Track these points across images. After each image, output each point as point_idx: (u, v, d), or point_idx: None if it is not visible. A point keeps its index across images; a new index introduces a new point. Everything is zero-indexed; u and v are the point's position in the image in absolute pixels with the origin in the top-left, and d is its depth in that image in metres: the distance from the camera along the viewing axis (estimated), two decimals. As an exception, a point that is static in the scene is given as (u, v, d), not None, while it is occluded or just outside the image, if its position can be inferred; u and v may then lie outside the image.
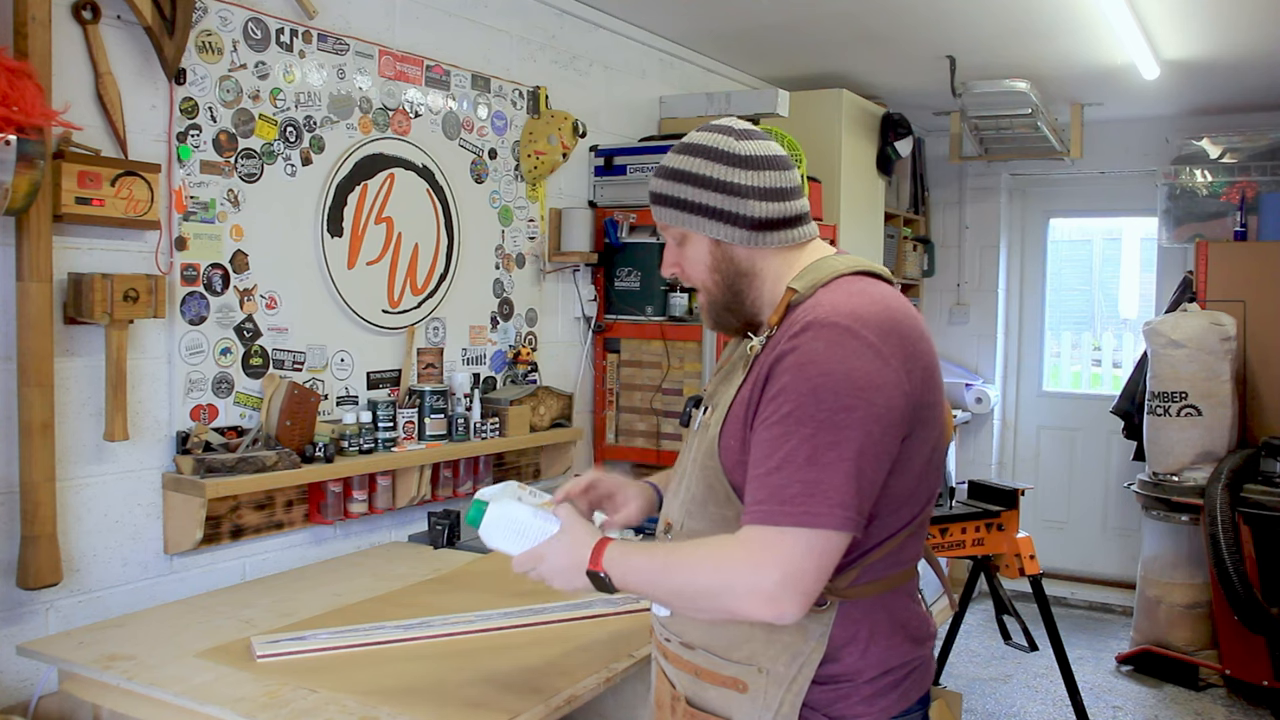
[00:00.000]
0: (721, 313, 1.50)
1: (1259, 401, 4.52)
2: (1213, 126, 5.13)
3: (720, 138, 1.45)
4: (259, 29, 2.40)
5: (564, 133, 3.20)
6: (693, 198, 1.44)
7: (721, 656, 1.43)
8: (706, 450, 1.44)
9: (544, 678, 1.74)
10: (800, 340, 1.31)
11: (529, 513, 1.56)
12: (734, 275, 1.47)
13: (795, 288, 1.42)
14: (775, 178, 1.44)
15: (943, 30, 3.78)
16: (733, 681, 1.42)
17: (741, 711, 1.41)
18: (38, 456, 1.94)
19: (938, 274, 5.97)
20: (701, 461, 1.45)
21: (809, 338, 1.31)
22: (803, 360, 1.30)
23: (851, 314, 1.32)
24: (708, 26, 3.79)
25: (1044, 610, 3.43)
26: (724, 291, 1.48)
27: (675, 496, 1.52)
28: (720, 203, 1.43)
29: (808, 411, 1.27)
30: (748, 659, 1.41)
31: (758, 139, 1.46)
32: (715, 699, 1.44)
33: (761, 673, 1.39)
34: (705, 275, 1.48)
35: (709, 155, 1.44)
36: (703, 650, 1.45)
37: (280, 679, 1.71)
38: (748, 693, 1.41)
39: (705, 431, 1.46)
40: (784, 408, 1.29)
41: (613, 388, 3.56)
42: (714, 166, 1.43)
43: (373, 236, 2.72)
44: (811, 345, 1.30)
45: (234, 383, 2.38)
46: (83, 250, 2.07)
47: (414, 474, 2.73)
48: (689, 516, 1.47)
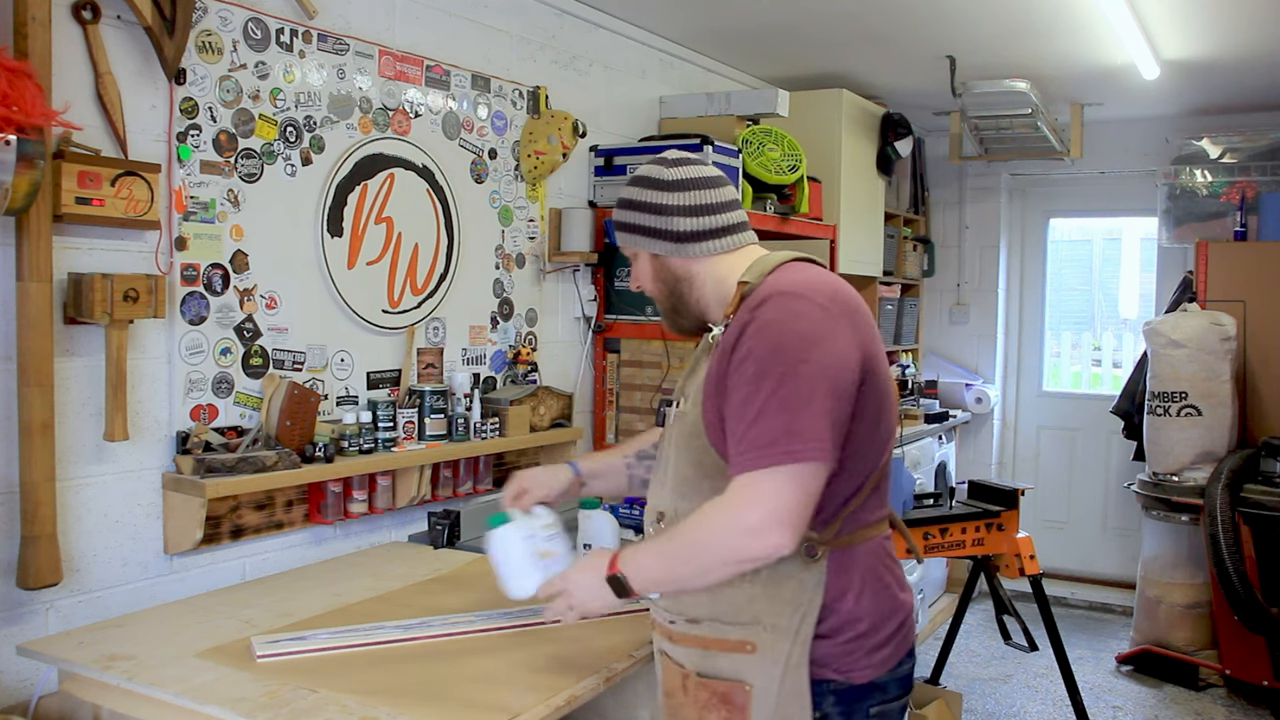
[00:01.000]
0: (671, 315, 1.74)
1: (1259, 401, 4.52)
2: (1213, 126, 5.13)
3: (654, 168, 1.69)
4: (259, 29, 2.40)
5: (564, 133, 3.20)
6: (632, 220, 1.70)
7: (727, 623, 1.56)
8: (689, 432, 1.59)
9: (544, 678, 1.74)
10: (757, 312, 1.51)
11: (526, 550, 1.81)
12: (673, 282, 1.70)
13: (746, 280, 1.61)
14: (700, 196, 1.66)
15: (943, 30, 3.78)
16: (740, 645, 1.55)
17: (753, 671, 1.54)
18: (38, 456, 1.94)
19: (938, 274, 5.97)
20: (685, 444, 1.60)
21: (765, 308, 1.50)
22: (760, 326, 1.49)
23: (801, 283, 1.54)
24: (708, 26, 3.79)
25: (1044, 610, 3.43)
26: (668, 297, 1.72)
27: (662, 486, 1.67)
28: (651, 222, 1.67)
29: (772, 367, 1.45)
30: (752, 620, 1.54)
31: (688, 165, 1.69)
32: (725, 666, 1.56)
33: (767, 630, 1.53)
34: (651, 285, 1.73)
35: (643, 184, 1.69)
36: (708, 621, 1.58)
37: (280, 679, 1.71)
38: (757, 652, 1.53)
39: (684, 419, 1.62)
40: (749, 369, 1.46)
41: (613, 388, 3.56)
42: (646, 193, 1.68)
43: (373, 236, 2.72)
44: (766, 314, 1.50)
45: (234, 383, 2.38)
46: (83, 250, 2.07)
47: (414, 474, 2.73)
48: (681, 498, 1.61)
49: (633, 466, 2.03)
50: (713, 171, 1.70)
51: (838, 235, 4.29)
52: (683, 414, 1.62)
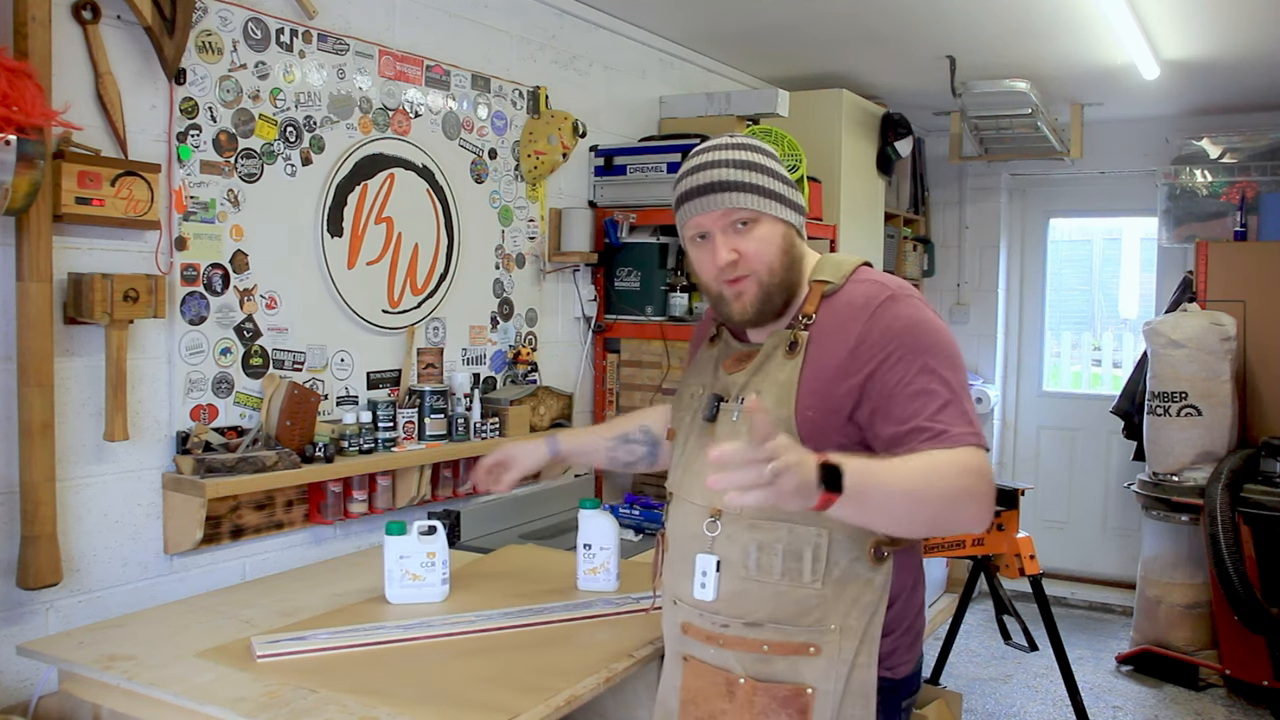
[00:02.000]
0: (776, 293, 1.59)
1: (1259, 401, 4.52)
2: (1213, 126, 5.12)
3: (751, 140, 1.64)
4: (259, 29, 2.40)
5: (564, 133, 3.20)
6: (769, 185, 1.58)
7: (792, 625, 1.54)
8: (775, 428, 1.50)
9: (544, 678, 1.74)
10: (894, 309, 1.52)
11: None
12: (797, 257, 1.62)
13: (826, 279, 1.60)
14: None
15: (943, 30, 3.78)
16: (804, 647, 1.53)
17: (815, 673, 1.53)
18: (38, 456, 1.94)
19: (938, 274, 5.97)
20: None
21: (902, 307, 1.53)
22: (909, 324, 1.51)
23: (911, 289, 1.59)
24: (708, 26, 3.79)
25: (1044, 610, 3.43)
26: (788, 272, 1.60)
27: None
28: (788, 192, 1.61)
29: (944, 359, 1.49)
30: (819, 621, 1.53)
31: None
32: (784, 669, 1.54)
33: (835, 630, 1.53)
34: (777, 256, 1.59)
35: (765, 154, 1.61)
36: (771, 624, 1.55)
37: (280, 679, 1.70)
38: (820, 654, 1.53)
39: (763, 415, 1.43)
40: (921, 359, 1.48)
41: (613, 388, 3.56)
42: (774, 162, 1.61)
43: (373, 236, 2.72)
44: (908, 312, 1.53)
45: (234, 383, 2.38)
46: (83, 250, 2.07)
47: (414, 474, 2.73)
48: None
49: (614, 449, 2.02)
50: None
51: (838, 235, 4.29)
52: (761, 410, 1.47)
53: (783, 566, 1.54)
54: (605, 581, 2.22)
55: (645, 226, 3.46)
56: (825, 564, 1.52)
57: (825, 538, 1.53)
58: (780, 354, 1.58)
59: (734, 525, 1.57)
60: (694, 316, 3.46)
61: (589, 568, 2.23)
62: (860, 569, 1.53)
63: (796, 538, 1.53)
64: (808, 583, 1.53)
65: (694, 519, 1.63)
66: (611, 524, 2.21)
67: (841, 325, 1.54)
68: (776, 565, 1.54)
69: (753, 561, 1.55)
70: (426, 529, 2.16)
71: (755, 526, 1.55)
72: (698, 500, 1.63)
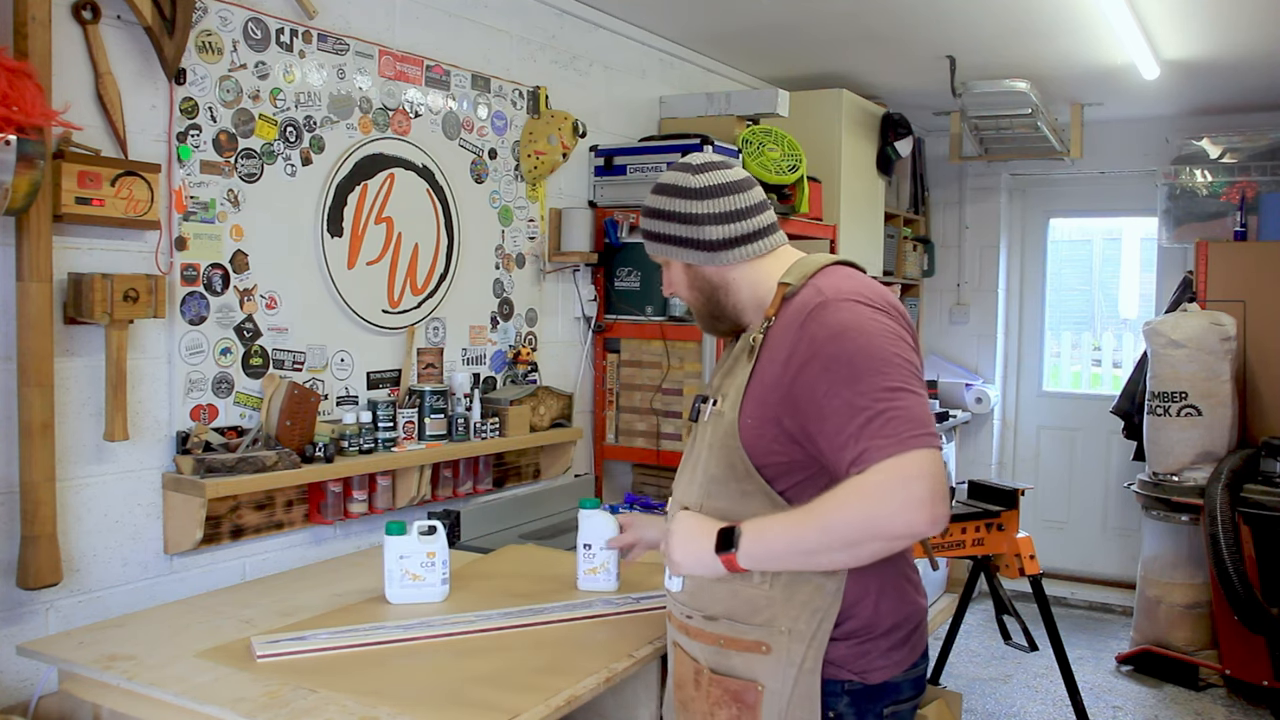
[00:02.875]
0: (708, 320, 1.74)
1: (1259, 401, 4.52)
2: (1213, 126, 5.12)
3: (680, 175, 1.67)
4: (259, 29, 2.40)
5: (564, 133, 3.20)
6: (663, 230, 1.68)
7: (744, 622, 1.57)
8: (725, 433, 1.58)
9: (544, 678, 1.74)
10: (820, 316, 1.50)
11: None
12: (709, 290, 1.69)
13: (788, 281, 1.60)
14: (730, 201, 1.65)
15: (943, 30, 3.78)
16: (756, 645, 1.56)
17: (766, 671, 1.55)
18: (38, 456, 1.94)
19: (938, 274, 5.97)
20: (720, 444, 1.59)
21: (829, 313, 1.50)
22: (835, 331, 1.48)
23: (853, 290, 1.54)
24: (708, 26, 3.79)
25: (1044, 610, 3.43)
26: (704, 304, 1.71)
27: (691, 483, 1.66)
28: (682, 232, 1.66)
29: (864, 368, 1.44)
30: (769, 621, 1.55)
31: (714, 170, 1.66)
32: (739, 665, 1.58)
33: (784, 633, 1.54)
34: (686, 293, 1.73)
35: (671, 193, 1.67)
36: (725, 620, 1.59)
37: (280, 679, 1.71)
38: (771, 653, 1.55)
39: (720, 418, 1.60)
40: (842, 371, 1.45)
41: (613, 388, 3.56)
42: (675, 202, 1.66)
43: (373, 236, 2.72)
44: (837, 317, 1.49)
45: (234, 383, 2.38)
46: (83, 250, 2.07)
47: (414, 474, 2.73)
48: (709, 496, 1.61)
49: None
50: (739, 174, 1.68)
51: (838, 235, 4.29)
52: (719, 414, 1.61)
53: None
54: (605, 581, 2.22)
55: (645, 226, 3.45)
56: None
57: None
58: (744, 356, 1.61)
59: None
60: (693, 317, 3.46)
61: (589, 568, 2.23)
62: (810, 574, 1.53)
63: None
64: (756, 583, 1.55)
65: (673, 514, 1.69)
66: (611, 523, 2.21)
67: (784, 330, 1.55)
68: None
69: None
70: (426, 529, 2.16)
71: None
72: (678, 496, 1.71)
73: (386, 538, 2.14)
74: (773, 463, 1.54)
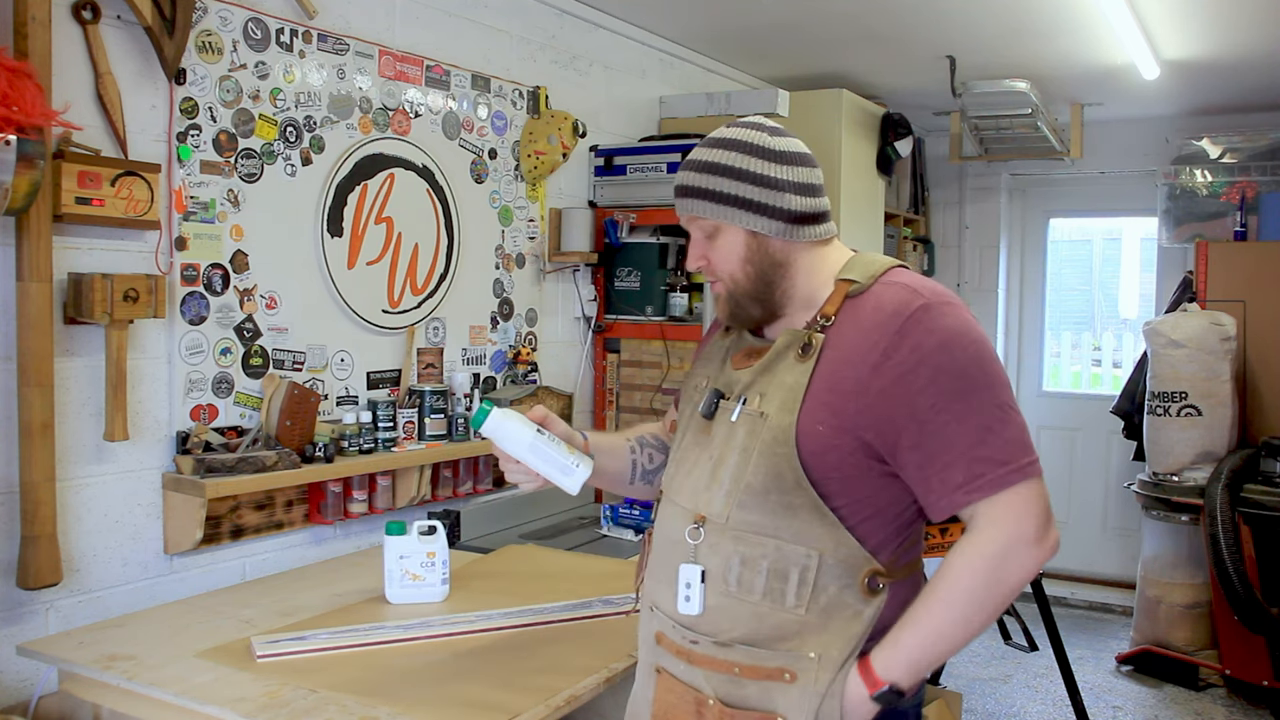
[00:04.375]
0: (746, 303, 1.51)
1: (1259, 401, 4.52)
2: (1213, 126, 5.12)
3: (754, 133, 1.49)
4: (259, 29, 2.40)
5: (564, 133, 3.20)
6: (729, 190, 1.47)
7: (766, 648, 1.41)
8: (774, 438, 1.40)
9: (544, 678, 1.74)
10: (927, 322, 1.37)
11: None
12: (769, 267, 1.49)
13: (853, 279, 1.45)
14: (807, 174, 1.49)
15: (943, 30, 3.78)
16: (778, 673, 1.40)
17: (787, 701, 1.40)
18: (38, 456, 1.94)
19: (938, 274, 5.97)
20: (764, 449, 1.41)
21: (935, 319, 1.37)
22: (945, 339, 1.36)
23: (948, 293, 1.42)
24: (708, 26, 3.79)
25: (1044, 610, 3.43)
26: (755, 283, 1.50)
27: (710, 489, 1.46)
28: (758, 195, 1.46)
29: (978, 381, 1.35)
30: (797, 648, 1.40)
31: (789, 136, 1.50)
32: (754, 695, 1.42)
33: (815, 659, 1.39)
34: (737, 267, 1.50)
35: (744, 150, 1.47)
36: (742, 646, 1.42)
37: (280, 679, 1.71)
38: (796, 682, 1.39)
39: (760, 421, 1.42)
40: (951, 385, 1.34)
41: (613, 388, 3.56)
42: (750, 160, 1.46)
43: (373, 236, 2.72)
44: (943, 324, 1.37)
45: (234, 383, 2.38)
46: (83, 250, 2.07)
47: (414, 474, 2.73)
48: (739, 506, 1.42)
49: (635, 451, 1.78)
50: (807, 148, 1.53)
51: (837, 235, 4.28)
52: (758, 415, 1.43)
53: (765, 585, 1.40)
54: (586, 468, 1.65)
55: (645, 226, 3.46)
56: (812, 589, 1.39)
57: (815, 559, 1.39)
58: (792, 355, 1.43)
59: (718, 534, 1.44)
60: (694, 316, 3.46)
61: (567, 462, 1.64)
62: (850, 598, 1.40)
63: (784, 556, 1.40)
64: (790, 607, 1.39)
65: (677, 522, 1.50)
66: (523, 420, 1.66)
67: (865, 333, 1.39)
68: (759, 583, 1.41)
69: (734, 576, 1.42)
70: (426, 529, 2.16)
71: (740, 539, 1.42)
72: (683, 502, 1.50)
73: (386, 538, 2.14)
74: (837, 476, 1.39)
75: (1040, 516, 1.36)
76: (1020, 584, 1.37)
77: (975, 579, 1.36)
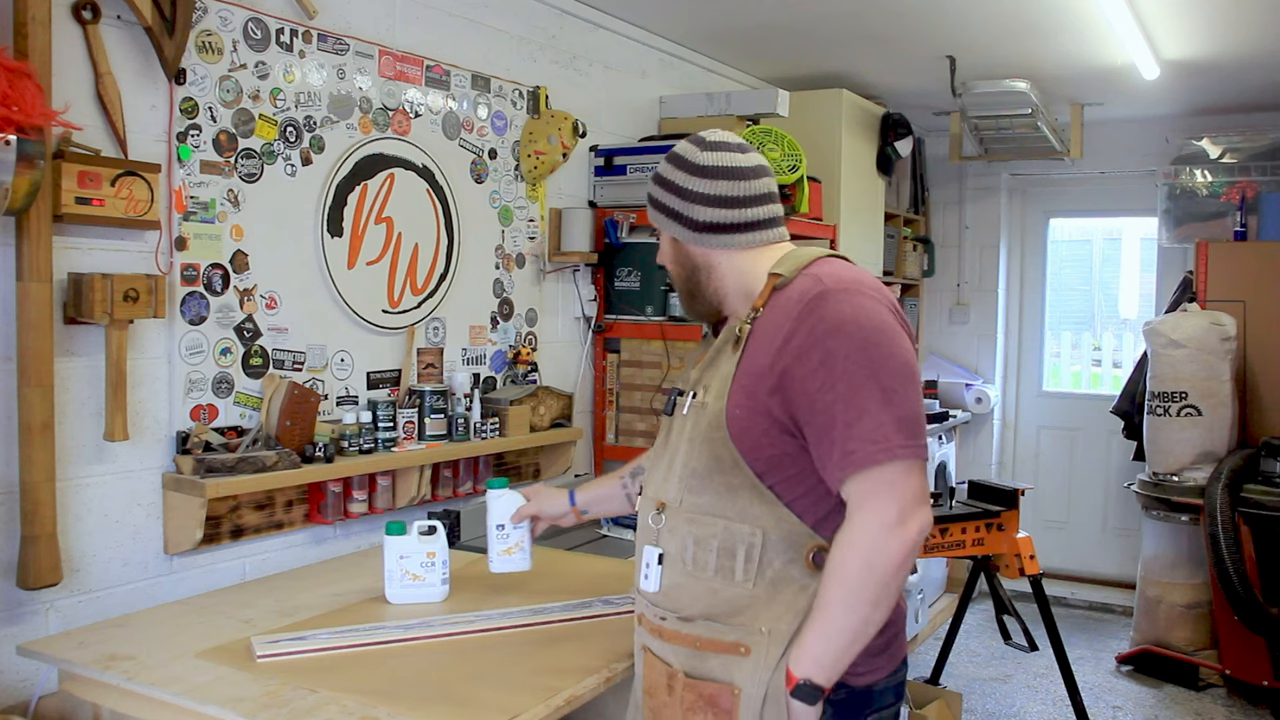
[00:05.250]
0: (687, 299, 1.70)
1: (1259, 401, 4.52)
2: (1213, 126, 5.12)
3: (689, 147, 1.63)
4: (259, 29, 2.40)
5: (564, 133, 3.20)
6: (659, 199, 1.65)
7: (722, 623, 1.52)
8: (710, 424, 1.53)
9: (544, 678, 1.74)
10: (818, 307, 1.47)
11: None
12: (690, 268, 1.66)
13: (779, 272, 1.56)
14: (730, 187, 1.59)
15: (943, 30, 3.78)
16: (734, 646, 1.51)
17: (743, 674, 1.51)
18: (38, 456, 1.94)
19: (938, 274, 5.97)
20: (704, 435, 1.54)
21: (828, 303, 1.47)
22: (834, 323, 1.45)
23: (854, 280, 1.51)
24: (708, 26, 3.79)
25: (1044, 610, 3.43)
26: (684, 281, 1.68)
27: (666, 479, 1.61)
28: (674, 205, 1.62)
29: (862, 364, 1.43)
30: (749, 622, 1.51)
31: (724, 150, 1.61)
32: (716, 668, 1.53)
33: (765, 633, 1.50)
34: (670, 265, 1.70)
35: (675, 163, 1.63)
36: (703, 620, 1.54)
37: (280, 679, 1.71)
38: (750, 655, 1.50)
39: (702, 410, 1.56)
40: (838, 366, 1.44)
41: (613, 388, 3.56)
42: (675, 173, 1.62)
43: (373, 236, 2.72)
44: (835, 308, 1.46)
45: (234, 383, 2.38)
46: (83, 250, 2.07)
47: (414, 474, 2.73)
48: (689, 491, 1.56)
49: (629, 486, 2.01)
50: (750, 161, 1.62)
51: (838, 235, 4.29)
52: (701, 405, 1.56)
53: (716, 563, 1.52)
54: (520, 561, 2.12)
55: (645, 226, 3.46)
56: (758, 564, 1.50)
57: (759, 537, 1.50)
58: (729, 348, 1.57)
59: (675, 518, 1.57)
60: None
61: (503, 549, 2.12)
62: (795, 573, 1.50)
63: (731, 535, 1.51)
64: (739, 581, 1.51)
65: (645, 511, 1.64)
66: (522, 502, 2.11)
67: (776, 321, 1.51)
68: (711, 561, 1.53)
69: (689, 556, 1.55)
70: (426, 529, 2.16)
71: (693, 521, 1.55)
72: (650, 493, 1.65)
73: (386, 538, 2.14)
74: (763, 455, 1.50)
75: (902, 499, 1.43)
76: (894, 568, 1.43)
77: (848, 570, 1.44)
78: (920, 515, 1.44)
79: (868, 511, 1.43)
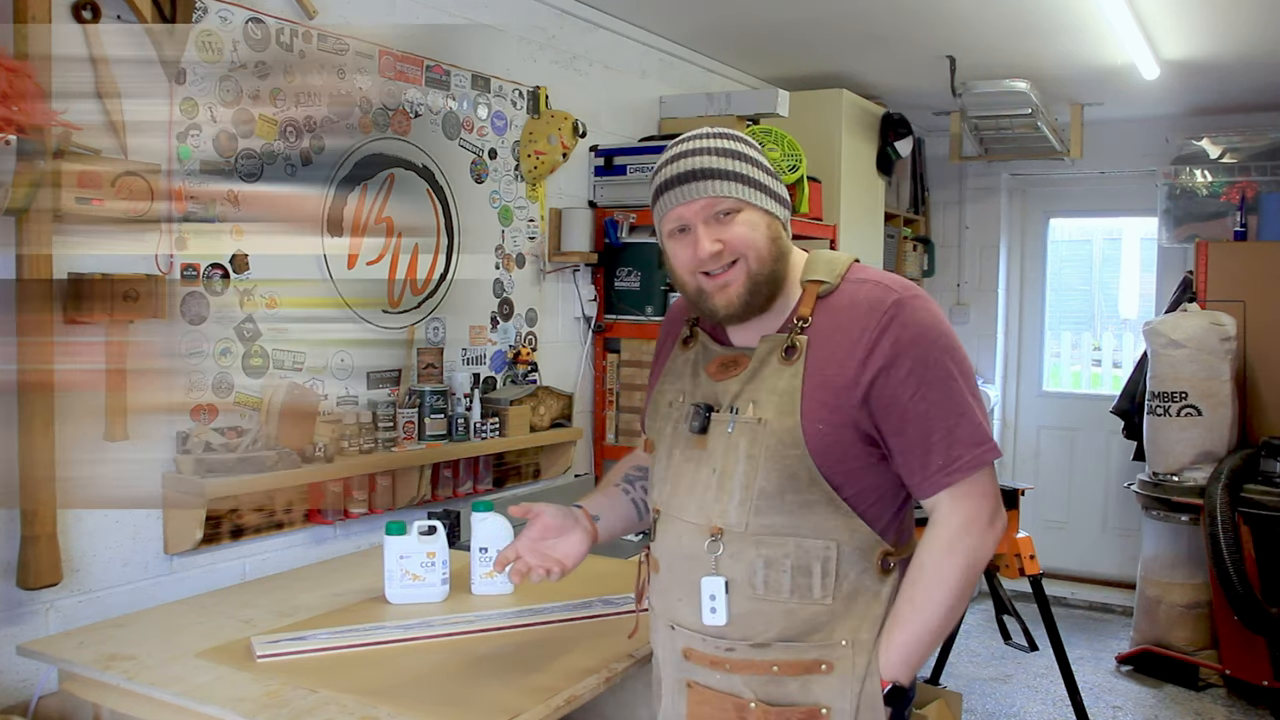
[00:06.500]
0: (762, 286, 1.51)
1: (1259, 401, 4.52)
2: (1213, 126, 5.12)
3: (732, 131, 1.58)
4: (259, 29, 2.40)
5: (564, 133, 3.20)
6: (752, 175, 1.52)
7: (801, 642, 1.48)
8: (780, 441, 1.45)
9: (544, 678, 1.74)
10: (903, 316, 1.46)
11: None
12: (785, 250, 1.54)
13: (821, 279, 1.53)
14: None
15: (943, 30, 3.78)
16: (814, 665, 1.48)
17: (828, 691, 1.48)
18: (38, 457, 1.94)
19: (938, 274, 5.97)
20: (772, 454, 1.46)
21: (909, 313, 1.46)
22: (919, 331, 1.45)
23: (910, 285, 1.52)
24: (708, 26, 3.79)
25: (1044, 610, 3.43)
26: (776, 263, 1.52)
27: (718, 501, 1.50)
28: (774, 185, 1.55)
29: (951, 370, 1.46)
30: (827, 638, 1.48)
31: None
32: (795, 691, 1.48)
33: (847, 645, 1.48)
34: (765, 244, 1.50)
35: (750, 145, 1.55)
36: (779, 643, 1.49)
37: (280, 679, 1.70)
38: (834, 671, 1.47)
39: (762, 427, 1.47)
40: (929, 374, 1.44)
41: (613, 388, 3.56)
42: (760, 155, 1.56)
43: (372, 236, 2.72)
44: (916, 317, 1.46)
45: (234, 383, 2.38)
46: (83, 250, 2.06)
47: (414, 474, 2.73)
48: (755, 513, 1.47)
49: (630, 491, 1.85)
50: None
51: (838, 235, 4.29)
52: (758, 422, 1.47)
53: (791, 583, 1.47)
54: (502, 584, 2.17)
55: (645, 226, 3.46)
56: (835, 578, 1.47)
57: (834, 549, 1.47)
58: (775, 359, 1.49)
59: (739, 543, 1.48)
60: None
61: (485, 571, 2.18)
62: (869, 581, 1.49)
63: (805, 552, 1.46)
64: (818, 598, 1.47)
65: (691, 539, 1.53)
66: (505, 526, 2.16)
67: (844, 330, 1.46)
68: (785, 582, 1.47)
69: (760, 580, 1.48)
70: (426, 529, 2.16)
71: (761, 542, 1.47)
72: (691, 518, 1.53)
73: (386, 538, 2.14)
74: (843, 469, 1.46)
75: (996, 498, 1.50)
76: (984, 566, 1.50)
77: (950, 573, 1.46)
78: (1003, 511, 1.51)
79: (966, 513, 1.46)
